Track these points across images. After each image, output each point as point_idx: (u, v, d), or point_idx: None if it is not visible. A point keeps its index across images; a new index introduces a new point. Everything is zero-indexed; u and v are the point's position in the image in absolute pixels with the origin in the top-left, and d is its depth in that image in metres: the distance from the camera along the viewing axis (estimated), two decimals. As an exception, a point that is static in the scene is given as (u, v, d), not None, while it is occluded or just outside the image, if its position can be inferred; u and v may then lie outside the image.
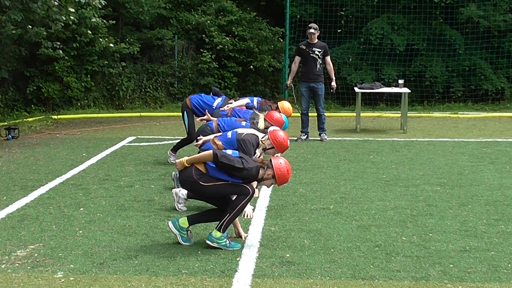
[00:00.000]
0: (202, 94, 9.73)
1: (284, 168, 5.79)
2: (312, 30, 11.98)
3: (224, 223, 5.71)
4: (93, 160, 10.01)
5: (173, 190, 7.08)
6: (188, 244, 5.83)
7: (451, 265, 5.30)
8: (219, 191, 5.77)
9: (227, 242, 5.73)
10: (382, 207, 7.16)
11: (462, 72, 18.49)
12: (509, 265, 5.30)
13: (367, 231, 6.24)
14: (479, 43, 18.54)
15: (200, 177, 5.70)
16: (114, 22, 17.22)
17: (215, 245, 5.71)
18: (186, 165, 5.76)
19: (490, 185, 8.21)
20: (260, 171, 5.78)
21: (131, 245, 5.82)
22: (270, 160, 5.83)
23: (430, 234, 6.14)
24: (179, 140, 9.91)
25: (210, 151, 5.74)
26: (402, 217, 6.74)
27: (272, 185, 6.03)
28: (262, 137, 6.91)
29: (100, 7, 14.86)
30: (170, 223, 5.91)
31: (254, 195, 5.91)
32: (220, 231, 5.71)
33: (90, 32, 16.27)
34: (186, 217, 5.90)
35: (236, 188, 5.74)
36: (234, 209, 5.70)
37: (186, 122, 9.49)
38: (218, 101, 9.26)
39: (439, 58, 18.64)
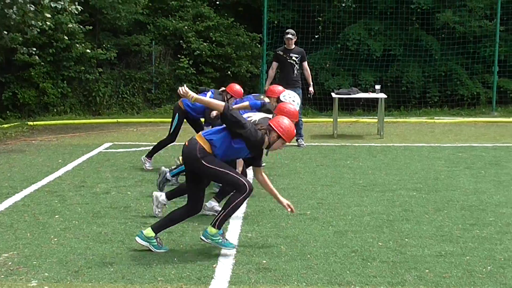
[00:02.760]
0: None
1: (286, 123, 5.73)
2: (289, 36, 12.02)
3: (219, 219, 5.66)
4: (69, 166, 9.93)
5: (154, 193, 7.03)
6: (163, 251, 5.79)
7: (427, 270, 5.33)
8: (217, 176, 5.69)
9: (222, 239, 5.68)
10: (358, 212, 7.19)
11: (438, 77, 18.67)
12: (484, 269, 5.34)
13: (344, 237, 6.25)
14: (455, 49, 18.73)
15: (204, 155, 5.61)
16: (91, 27, 17.12)
17: (208, 241, 5.66)
18: (191, 100, 5.69)
19: (465, 190, 8.28)
20: (265, 138, 5.71)
21: (106, 253, 5.77)
22: (269, 124, 5.77)
23: (406, 239, 6.17)
24: (154, 145, 9.83)
25: (222, 103, 5.66)
26: (379, 223, 6.76)
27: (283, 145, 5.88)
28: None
29: (77, 12, 14.76)
30: (136, 238, 5.85)
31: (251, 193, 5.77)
32: (215, 227, 5.65)
33: (67, 38, 16.15)
34: (150, 227, 5.84)
35: (234, 180, 5.65)
36: (230, 206, 5.64)
37: (175, 123, 9.43)
38: (209, 94, 9.35)
39: (415, 64, 18.81)
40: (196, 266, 5.43)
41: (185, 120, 9.55)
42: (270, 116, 6.74)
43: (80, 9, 14.34)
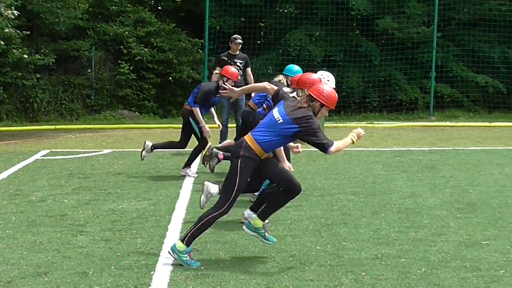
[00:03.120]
0: (191, 96, 9.59)
1: (327, 90, 5.67)
2: (239, 41, 12.06)
3: (188, 235, 5.55)
4: (4, 174, 9.67)
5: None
6: (270, 242, 5.81)
7: (363, 273, 5.39)
8: (230, 180, 5.55)
9: (188, 258, 5.54)
10: (297, 217, 7.23)
11: (378, 82, 19.00)
12: (418, 271, 5.44)
13: (282, 241, 6.27)
14: (394, 55, 19.11)
15: (245, 155, 5.49)
16: (28, 32, 16.76)
17: (175, 256, 5.55)
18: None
19: (402, 193, 8.43)
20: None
21: (41, 262, 5.63)
22: (309, 94, 5.67)
23: (344, 243, 6.23)
24: (190, 153, 9.58)
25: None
26: (317, 227, 6.82)
27: None
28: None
29: (13, 17, 14.46)
30: (245, 227, 5.84)
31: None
32: (183, 243, 5.54)
33: (3, 43, 15.78)
34: (256, 216, 5.84)
35: (230, 196, 5.55)
36: (201, 221, 5.56)
37: (195, 128, 9.41)
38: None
39: (355, 69, 19.11)
40: (133, 274, 5.35)
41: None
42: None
43: (17, 14, 14.05)
